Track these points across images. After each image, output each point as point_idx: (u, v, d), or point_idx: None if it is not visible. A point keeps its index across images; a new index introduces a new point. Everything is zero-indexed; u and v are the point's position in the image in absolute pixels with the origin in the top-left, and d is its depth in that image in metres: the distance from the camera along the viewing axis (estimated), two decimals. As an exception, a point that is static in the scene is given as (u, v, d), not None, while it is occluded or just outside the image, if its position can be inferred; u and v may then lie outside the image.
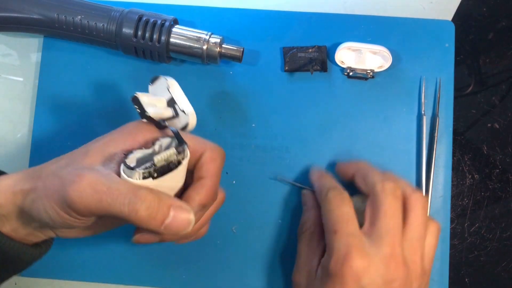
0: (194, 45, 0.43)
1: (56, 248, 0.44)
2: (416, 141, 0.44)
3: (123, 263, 0.44)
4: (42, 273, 0.45)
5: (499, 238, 0.45)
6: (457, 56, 0.46)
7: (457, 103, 0.45)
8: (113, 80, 0.46)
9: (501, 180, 0.46)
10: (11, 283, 0.46)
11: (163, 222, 0.28)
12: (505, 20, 0.48)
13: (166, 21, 0.43)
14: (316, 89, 0.45)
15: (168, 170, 0.30)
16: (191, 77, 0.46)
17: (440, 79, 0.45)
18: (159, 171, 0.30)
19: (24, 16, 0.43)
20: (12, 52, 0.49)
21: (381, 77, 0.45)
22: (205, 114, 0.45)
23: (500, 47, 0.48)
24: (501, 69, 0.47)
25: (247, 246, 0.44)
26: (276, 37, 0.46)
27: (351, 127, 0.45)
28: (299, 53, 0.45)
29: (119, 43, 0.43)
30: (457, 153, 0.46)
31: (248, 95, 0.45)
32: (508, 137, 0.46)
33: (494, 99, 0.47)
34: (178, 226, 0.29)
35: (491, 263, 0.45)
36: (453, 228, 0.45)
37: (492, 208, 0.45)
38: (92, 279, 0.44)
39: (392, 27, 0.46)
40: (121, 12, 0.43)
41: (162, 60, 0.44)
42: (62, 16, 0.43)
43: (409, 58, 0.45)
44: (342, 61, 0.45)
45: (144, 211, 0.28)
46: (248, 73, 0.46)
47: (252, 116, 0.45)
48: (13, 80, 0.48)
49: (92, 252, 0.44)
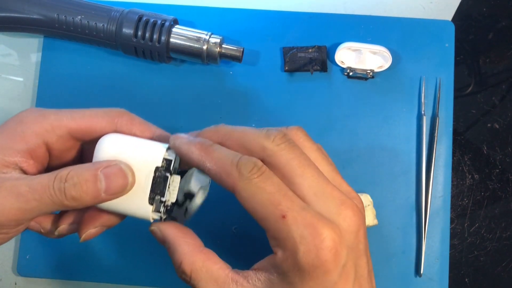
0: (194, 45, 0.43)
1: (56, 248, 0.45)
2: (416, 141, 0.44)
3: (123, 263, 0.44)
4: (42, 273, 0.45)
5: (499, 238, 0.45)
6: (457, 56, 0.46)
7: (457, 103, 0.45)
8: (113, 80, 0.46)
9: (501, 180, 0.46)
10: (11, 283, 0.46)
11: (97, 187, 0.27)
12: (505, 20, 0.48)
13: (166, 21, 0.43)
14: (316, 89, 0.45)
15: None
16: (191, 77, 0.46)
17: (440, 79, 0.45)
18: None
19: (24, 16, 0.43)
20: (12, 52, 0.49)
21: (381, 77, 0.45)
22: (205, 114, 0.45)
23: (500, 47, 0.48)
24: (501, 69, 0.47)
25: (247, 246, 0.44)
26: (276, 37, 0.46)
27: (351, 127, 0.45)
28: (299, 53, 0.45)
29: (119, 43, 0.43)
30: (457, 153, 0.46)
31: (248, 95, 0.45)
32: (508, 137, 0.46)
33: (494, 99, 0.47)
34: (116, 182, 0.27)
35: (491, 263, 0.45)
36: (453, 228, 0.45)
37: (492, 208, 0.45)
38: (92, 279, 0.44)
39: (392, 27, 0.46)
40: (121, 12, 0.43)
41: (162, 60, 0.44)
42: (62, 16, 0.43)
43: (409, 58, 0.45)
44: (342, 61, 0.45)
45: (73, 189, 0.26)
46: (248, 73, 0.46)
47: (252, 116, 0.45)
48: (13, 80, 0.48)
49: (92, 252, 0.44)
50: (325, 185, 0.27)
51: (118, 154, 0.28)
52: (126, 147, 0.28)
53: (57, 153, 0.30)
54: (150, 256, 0.44)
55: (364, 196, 0.42)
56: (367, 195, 0.43)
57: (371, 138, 0.44)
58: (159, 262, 0.44)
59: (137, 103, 0.46)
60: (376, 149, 0.44)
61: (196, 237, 0.30)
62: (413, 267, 0.43)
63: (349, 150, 0.44)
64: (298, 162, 0.27)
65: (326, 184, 0.27)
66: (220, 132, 0.29)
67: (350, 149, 0.44)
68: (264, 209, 0.26)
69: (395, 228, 0.43)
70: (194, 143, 0.28)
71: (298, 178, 0.27)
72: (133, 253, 0.44)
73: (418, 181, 0.44)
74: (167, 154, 0.28)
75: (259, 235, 0.44)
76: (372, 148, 0.44)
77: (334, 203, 0.26)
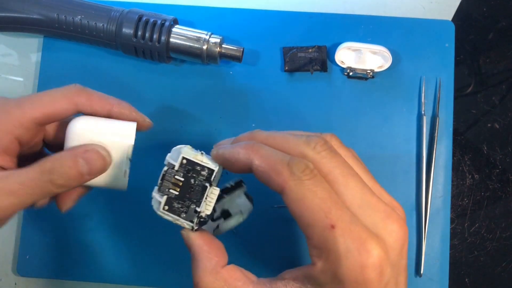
0: (194, 45, 0.43)
1: (56, 248, 0.45)
2: (416, 141, 0.44)
3: (123, 263, 0.44)
4: (42, 273, 0.45)
5: (499, 238, 0.45)
6: (457, 56, 0.46)
7: (457, 103, 0.45)
8: (113, 80, 0.46)
9: (501, 180, 0.46)
10: (11, 283, 0.46)
11: (80, 172, 0.29)
12: (505, 20, 0.48)
13: (166, 21, 0.43)
14: (316, 89, 0.45)
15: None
16: (191, 77, 0.46)
17: (440, 79, 0.45)
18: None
19: (24, 16, 0.43)
20: (12, 52, 0.49)
21: (381, 77, 0.45)
22: (205, 114, 0.45)
23: (500, 47, 0.48)
24: (501, 69, 0.47)
25: (247, 246, 0.44)
26: (276, 37, 0.46)
27: (351, 127, 0.45)
28: (299, 53, 0.45)
29: (119, 43, 0.43)
30: (457, 153, 0.46)
31: (248, 95, 0.45)
32: (508, 137, 0.46)
33: (494, 99, 0.47)
34: (96, 165, 0.30)
35: (491, 263, 0.45)
36: (453, 228, 0.45)
37: (492, 208, 0.45)
38: (92, 279, 0.44)
39: (392, 27, 0.46)
40: (121, 12, 0.43)
41: (162, 60, 0.44)
42: (62, 16, 0.43)
43: (409, 58, 0.45)
44: (342, 61, 0.45)
45: (60, 178, 0.29)
46: (248, 73, 0.46)
47: (252, 116, 0.45)
48: (13, 80, 0.48)
49: (92, 252, 0.44)
50: (369, 196, 0.26)
51: (91, 137, 0.31)
52: (97, 129, 0.31)
53: (26, 142, 0.32)
54: (150, 256, 0.44)
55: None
56: (367, 195, 0.43)
57: (371, 138, 0.44)
58: (160, 262, 0.44)
59: (137, 103, 0.45)
60: (376, 149, 0.44)
61: (222, 253, 0.29)
62: (413, 267, 0.43)
63: (349, 150, 0.44)
64: (340, 171, 0.26)
65: (371, 195, 0.26)
66: (257, 138, 0.28)
67: (350, 149, 0.44)
68: (312, 215, 0.24)
69: (395, 228, 0.43)
70: (239, 145, 0.27)
71: (341, 188, 0.25)
72: (133, 253, 0.44)
73: (418, 181, 0.44)
74: (209, 163, 0.28)
75: (259, 235, 0.44)
76: (372, 148, 0.44)
77: (379, 216, 0.25)
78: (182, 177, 0.28)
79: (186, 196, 0.28)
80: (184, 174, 0.28)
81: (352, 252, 0.24)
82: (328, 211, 0.24)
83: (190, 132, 0.45)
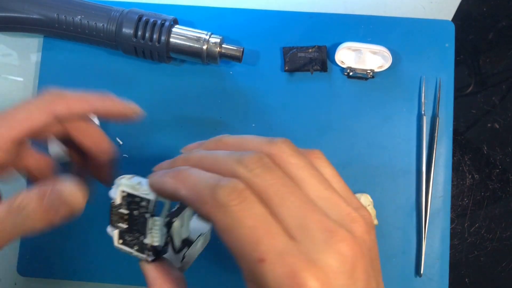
0: (194, 45, 0.43)
1: (56, 248, 0.45)
2: (416, 141, 0.44)
3: (123, 263, 0.44)
4: (42, 273, 0.45)
5: (499, 238, 0.45)
6: (457, 56, 0.46)
7: (457, 103, 0.45)
8: (113, 80, 0.46)
9: (501, 180, 0.46)
10: (11, 283, 0.46)
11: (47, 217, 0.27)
12: (505, 20, 0.48)
13: (166, 21, 0.43)
14: (316, 89, 0.45)
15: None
16: (191, 77, 0.46)
17: (440, 79, 0.45)
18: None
19: (24, 16, 0.43)
20: (12, 52, 0.49)
21: (381, 77, 0.45)
22: (205, 114, 0.45)
23: (500, 47, 0.48)
24: (501, 69, 0.47)
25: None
26: (276, 37, 0.46)
27: (351, 127, 0.45)
28: (299, 53, 0.45)
29: (119, 43, 0.43)
30: (457, 153, 0.46)
31: (248, 95, 0.45)
32: (508, 137, 0.46)
33: (494, 99, 0.47)
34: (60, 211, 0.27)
35: (491, 263, 0.45)
36: (453, 228, 0.45)
37: (492, 208, 0.45)
38: (92, 279, 0.44)
39: (392, 27, 0.46)
40: (121, 12, 0.43)
41: (162, 60, 0.44)
42: (62, 16, 0.43)
43: (409, 58, 0.45)
44: (342, 61, 0.45)
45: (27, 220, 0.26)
46: (248, 73, 0.46)
47: (252, 116, 0.45)
48: (13, 80, 0.48)
49: (92, 252, 0.44)
50: (309, 215, 0.22)
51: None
52: None
53: (11, 162, 0.30)
54: (150, 256, 0.44)
55: (364, 196, 0.42)
56: (367, 195, 0.43)
57: (371, 138, 0.44)
58: (159, 262, 0.44)
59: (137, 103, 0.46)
60: (376, 149, 0.44)
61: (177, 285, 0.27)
62: (413, 267, 0.43)
63: (349, 150, 0.44)
64: (275, 190, 0.22)
65: (312, 213, 0.22)
66: (191, 160, 0.25)
67: (350, 149, 0.44)
68: (241, 248, 0.21)
69: (395, 228, 0.43)
70: (166, 173, 0.25)
71: (277, 208, 0.22)
72: (133, 253, 0.44)
73: (418, 181, 0.44)
74: (146, 193, 0.26)
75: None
76: (372, 148, 0.44)
77: (321, 237, 0.22)
78: (127, 209, 0.27)
79: (134, 228, 0.27)
80: (127, 206, 0.27)
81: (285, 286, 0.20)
82: (257, 242, 0.21)
83: (190, 132, 0.45)
